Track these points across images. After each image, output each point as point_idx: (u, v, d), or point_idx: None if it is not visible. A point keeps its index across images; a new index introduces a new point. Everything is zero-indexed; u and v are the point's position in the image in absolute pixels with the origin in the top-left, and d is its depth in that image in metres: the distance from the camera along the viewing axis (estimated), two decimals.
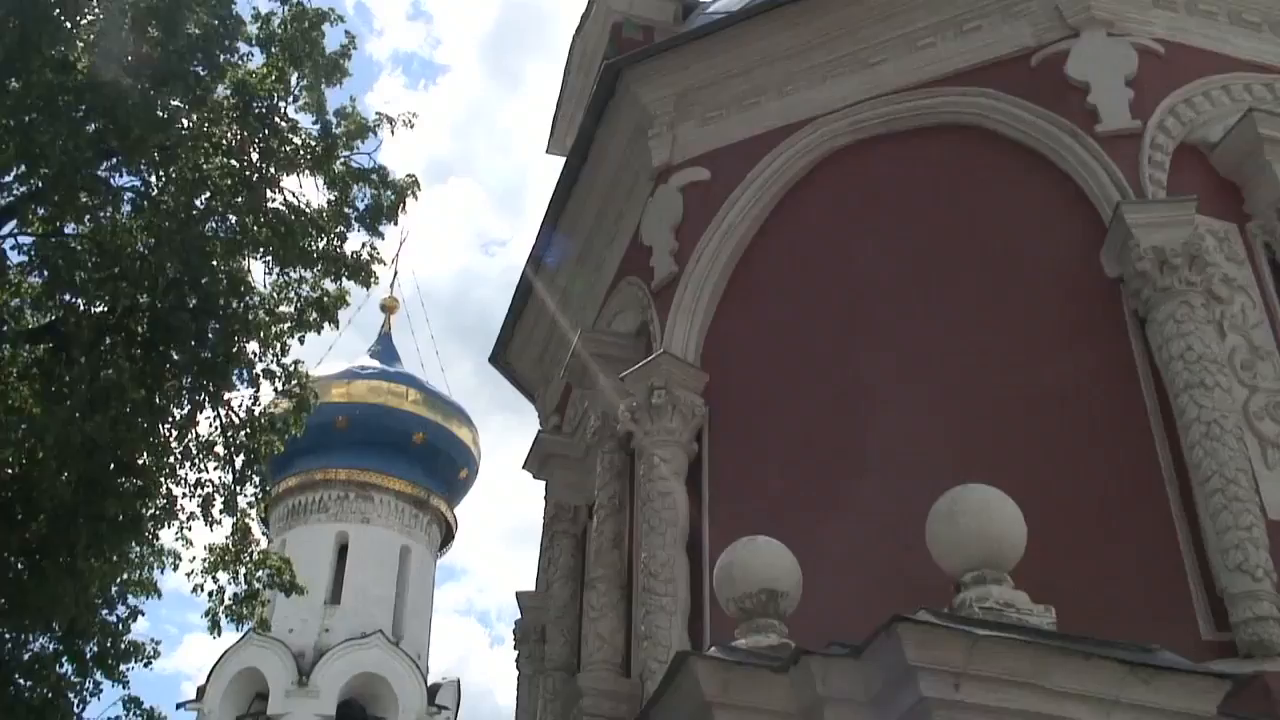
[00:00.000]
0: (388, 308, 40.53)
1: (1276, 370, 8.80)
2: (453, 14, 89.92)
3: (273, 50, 17.17)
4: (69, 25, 14.04)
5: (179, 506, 14.24)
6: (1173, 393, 8.39)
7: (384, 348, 39.44)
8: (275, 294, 17.56)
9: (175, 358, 14.56)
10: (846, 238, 10.44)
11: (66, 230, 14.78)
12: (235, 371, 15.09)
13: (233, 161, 16.81)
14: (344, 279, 17.86)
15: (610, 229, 12.45)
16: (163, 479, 13.71)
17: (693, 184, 11.21)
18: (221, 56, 15.75)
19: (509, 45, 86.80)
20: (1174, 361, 8.39)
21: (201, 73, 15.35)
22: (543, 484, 13.21)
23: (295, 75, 17.26)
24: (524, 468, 13.17)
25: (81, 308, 14.49)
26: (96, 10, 14.20)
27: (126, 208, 15.83)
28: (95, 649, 13.11)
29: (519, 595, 13.20)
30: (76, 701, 12.79)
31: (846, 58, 10.99)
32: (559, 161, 15.34)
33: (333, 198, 17.74)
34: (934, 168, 10.32)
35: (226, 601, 14.69)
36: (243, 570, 14.78)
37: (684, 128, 11.50)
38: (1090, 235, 9.26)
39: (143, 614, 13.47)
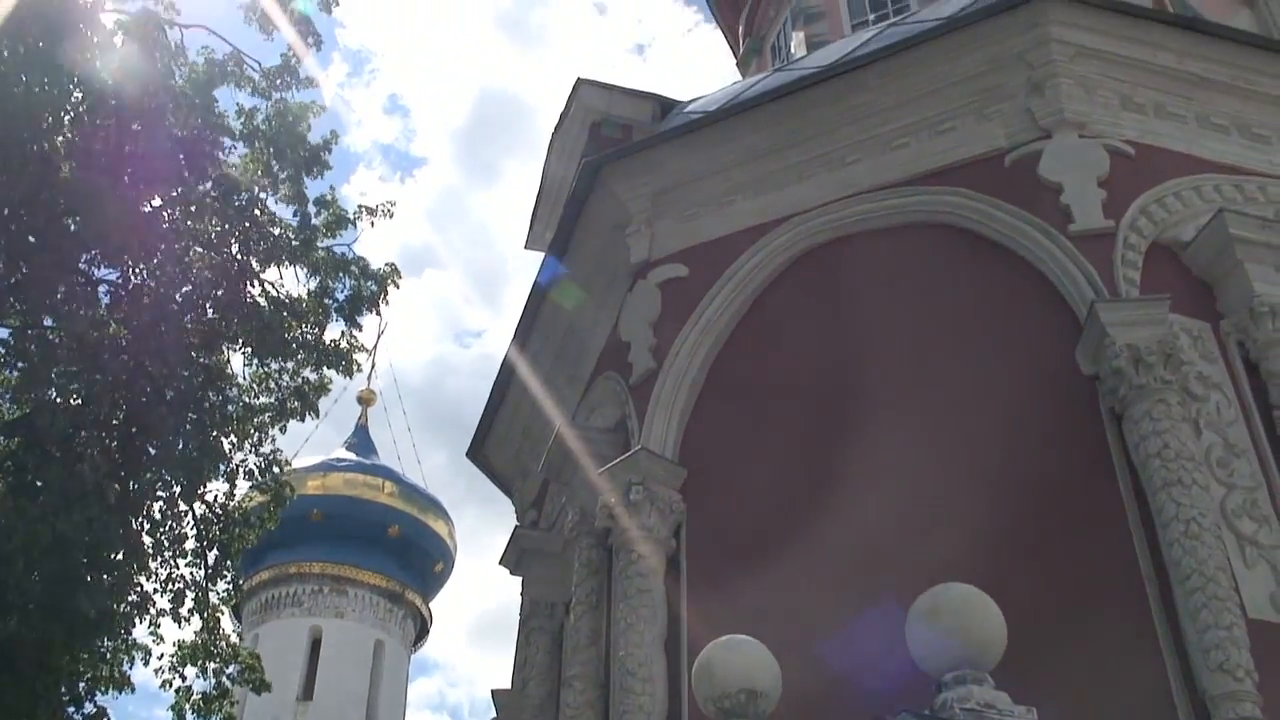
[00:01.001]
0: (365, 400, 40.48)
1: (1252, 468, 8.83)
2: (430, 107, 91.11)
3: (257, 144, 17.36)
4: (51, 122, 14.16)
5: (150, 602, 14.08)
6: (1150, 490, 8.40)
7: (360, 440, 39.29)
8: (255, 385, 17.55)
9: (151, 452, 14.48)
10: (823, 334, 10.50)
11: (45, 323, 14.75)
12: (211, 465, 15.01)
13: (213, 254, 16.89)
14: (325, 368, 17.88)
15: (588, 324, 12.48)
16: (135, 574, 13.55)
17: (670, 280, 11.28)
18: (202, 154, 15.89)
19: (485, 138, 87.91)
20: (1151, 459, 8.41)
21: (185, 172, 15.49)
22: (519, 579, 13.08)
23: (278, 168, 17.43)
24: (501, 563, 13.05)
25: (57, 401, 14.41)
26: (80, 109, 14.34)
27: (106, 300, 15.84)
28: None
29: (494, 693, 12.98)
30: None
31: (822, 157, 11.14)
32: (534, 254, 15.47)
33: (313, 287, 17.82)
34: (910, 265, 10.41)
35: (194, 698, 14.46)
36: (211, 667, 14.57)
37: (662, 225, 11.60)
38: (1065, 332, 9.33)
39: (108, 718, 13.17)
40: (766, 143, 11.32)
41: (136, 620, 13.76)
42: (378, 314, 18.44)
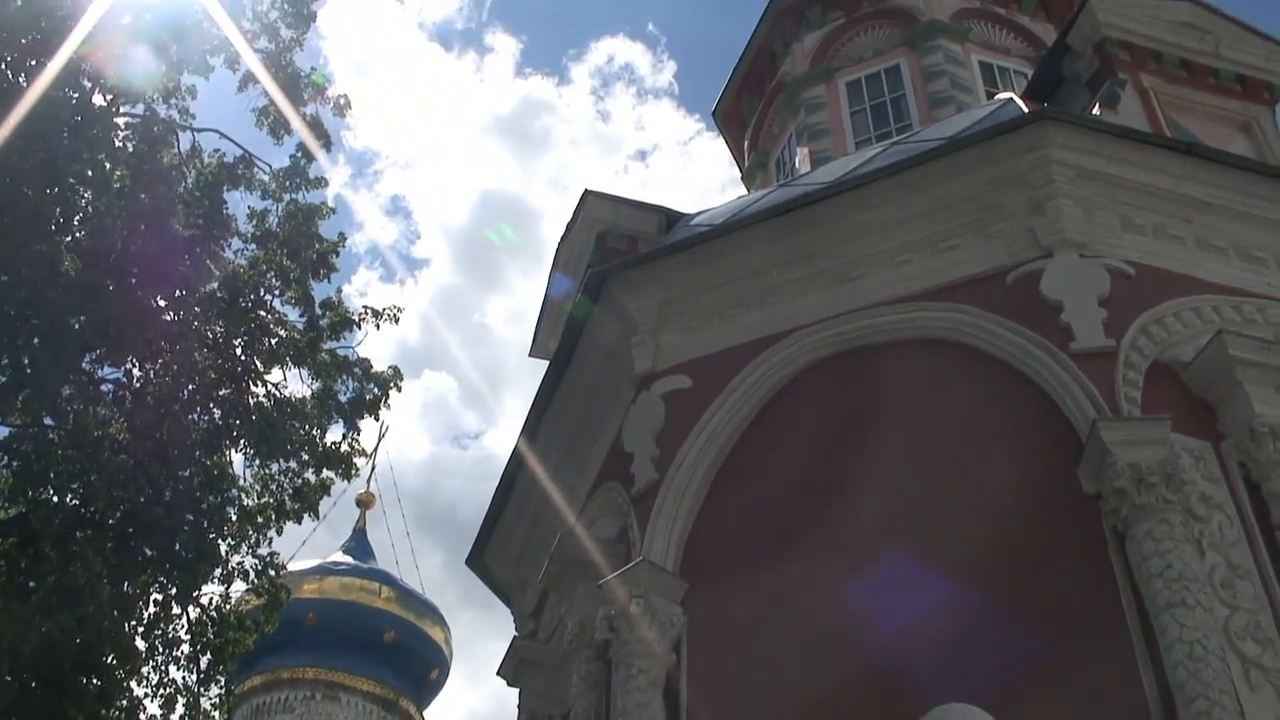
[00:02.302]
0: (363, 503, 40.25)
1: (1256, 590, 8.78)
2: (432, 209, 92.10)
3: (270, 246, 17.54)
4: (60, 222, 14.32)
5: (140, 707, 13.87)
6: (1154, 611, 8.34)
7: (358, 543, 39.00)
8: (256, 486, 17.49)
9: (147, 553, 14.38)
10: (827, 448, 10.50)
11: (45, 422, 14.75)
12: (208, 567, 14.89)
13: (217, 355, 16.95)
14: (325, 470, 17.84)
15: (591, 433, 12.50)
16: (125, 679, 13.38)
17: (674, 391, 11.32)
18: (208, 259, 16.04)
19: (486, 242, 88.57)
20: (1154, 579, 8.38)
21: (191, 272, 15.61)
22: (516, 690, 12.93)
23: (289, 265, 17.57)
24: (498, 674, 12.92)
25: (54, 500, 14.35)
26: (89, 211, 14.51)
27: (108, 400, 15.86)
28: None
29: None
30: None
31: (826, 272, 11.26)
32: (530, 356, 15.55)
33: (316, 389, 17.85)
34: (912, 381, 10.47)
35: None
36: None
37: (666, 336, 11.67)
38: (1067, 450, 9.34)
39: None
40: (771, 257, 11.45)
41: None
42: (378, 417, 18.50)
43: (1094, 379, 9.49)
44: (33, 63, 13.35)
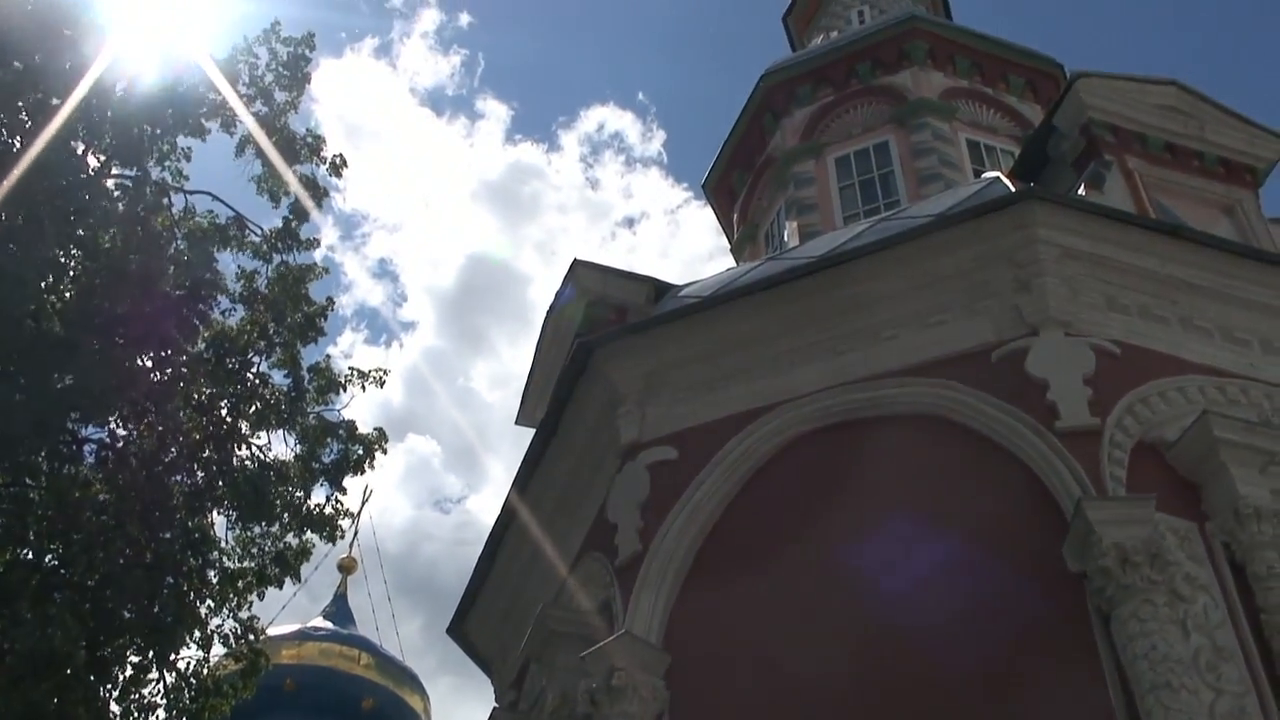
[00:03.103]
0: (345, 568, 39.87)
1: (1241, 673, 8.73)
2: (419, 272, 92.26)
3: (257, 307, 17.54)
4: (49, 282, 14.32)
5: None
6: (1139, 692, 8.29)
7: (339, 609, 38.56)
8: (237, 549, 17.34)
9: (125, 616, 14.22)
10: (812, 522, 10.47)
11: (27, 482, 14.64)
12: (186, 631, 14.72)
13: (203, 416, 16.89)
14: (308, 533, 17.71)
15: (576, 503, 12.46)
16: None
17: (660, 463, 11.30)
18: (197, 316, 16.04)
19: (472, 306, 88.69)
20: (1139, 660, 8.34)
21: (178, 333, 15.60)
22: None
23: (274, 331, 17.57)
24: None
25: (32, 560, 14.20)
26: (78, 271, 14.51)
27: (90, 461, 15.77)
28: None
29: None
30: None
31: (813, 346, 11.30)
32: (516, 424, 15.52)
33: (301, 452, 17.78)
34: (899, 456, 10.47)
35: None
36: None
37: (653, 407, 11.68)
38: (1052, 528, 9.33)
39: None
40: (758, 330, 11.49)
41: None
42: (363, 477, 18.41)
43: (1079, 457, 9.51)
44: (28, 124, 13.45)
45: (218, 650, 15.71)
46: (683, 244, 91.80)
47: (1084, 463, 9.46)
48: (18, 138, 13.27)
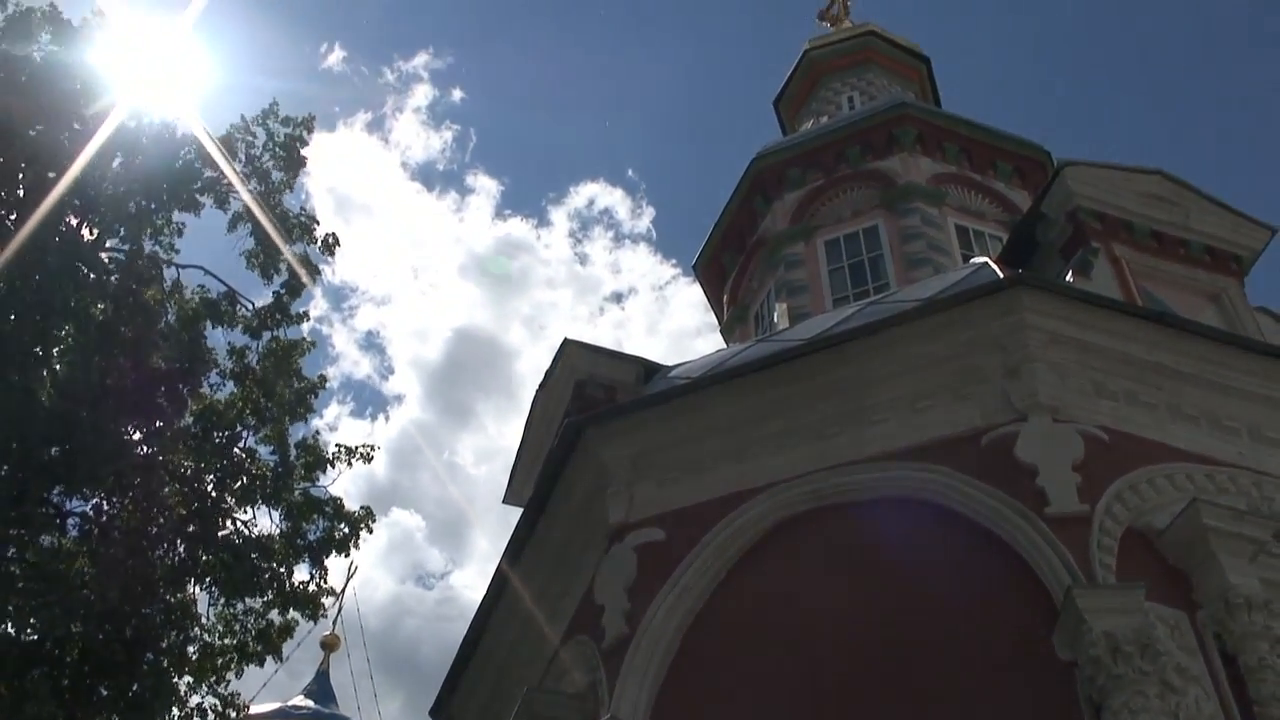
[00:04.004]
0: (328, 645, 39.36)
1: None
2: (406, 345, 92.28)
3: (247, 383, 17.53)
4: (39, 354, 14.33)
5: None
6: None
7: (320, 686, 38.01)
8: (219, 625, 17.16)
9: (103, 692, 14.05)
10: (800, 606, 10.41)
11: (8, 554, 14.54)
12: (164, 708, 14.54)
13: (188, 490, 16.82)
14: (290, 610, 17.55)
15: (563, 584, 12.36)
16: None
17: (648, 544, 11.23)
18: (186, 389, 16.04)
19: (459, 380, 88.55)
20: None
21: (166, 405, 15.58)
22: None
23: (265, 404, 17.54)
24: None
25: (11, 634, 14.05)
26: (68, 343, 14.53)
27: (74, 533, 15.67)
28: None
29: None
30: None
31: (802, 428, 11.29)
32: (496, 496, 15.45)
33: (286, 528, 17.68)
34: (887, 540, 10.42)
35: None
36: None
37: (641, 488, 11.64)
38: (1042, 616, 9.26)
39: None
40: (748, 412, 11.49)
41: None
42: (347, 556, 18.29)
43: (1069, 544, 9.46)
44: (25, 197, 13.55)
45: None
46: (671, 320, 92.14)
47: (1073, 550, 9.42)
48: (14, 212, 13.35)
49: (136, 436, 16.06)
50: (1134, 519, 9.92)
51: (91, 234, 15.24)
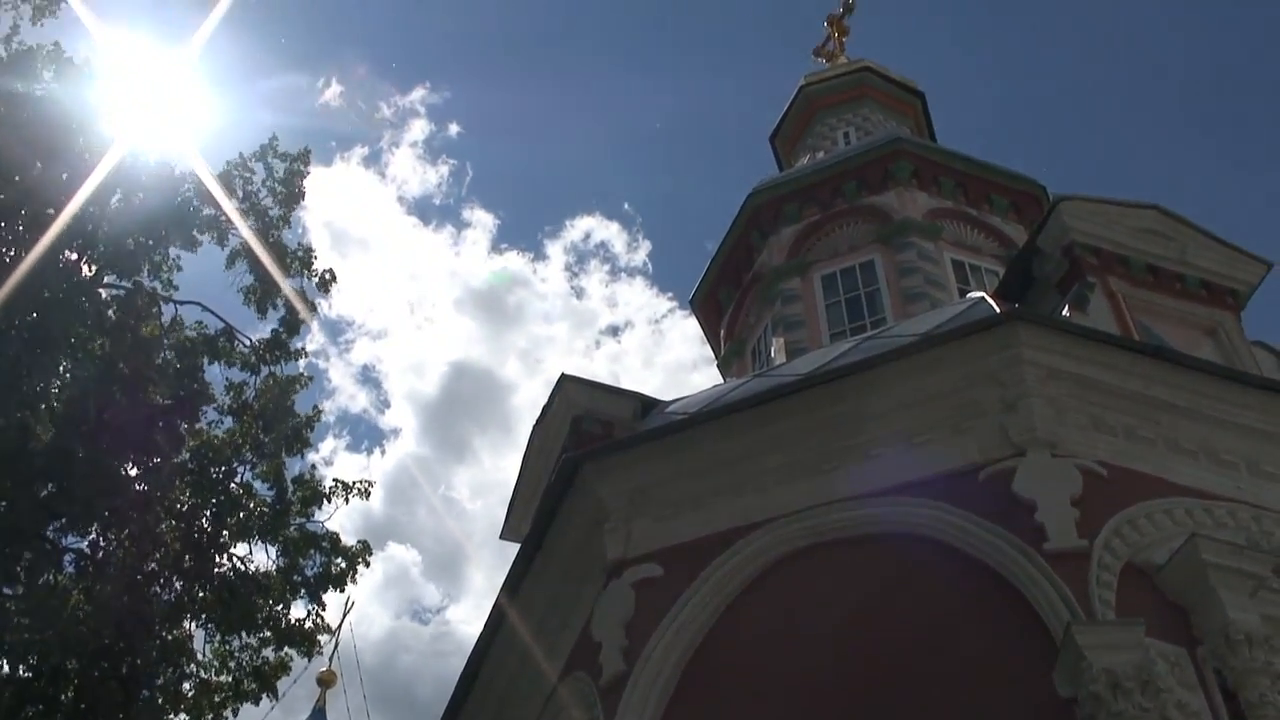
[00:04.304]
0: (325, 681, 39.09)
1: None
2: (402, 379, 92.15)
3: (244, 418, 17.53)
4: (38, 389, 14.33)
5: None
6: None
7: None
8: (215, 662, 17.10)
9: None
10: (799, 642, 10.36)
11: (4, 590, 14.50)
12: None
13: (185, 526, 16.79)
14: (286, 647, 17.49)
15: (561, 621, 12.30)
16: None
17: (646, 580, 11.18)
18: (184, 425, 16.04)
19: (455, 413, 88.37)
20: None
21: (163, 442, 15.59)
22: None
23: (263, 439, 17.54)
24: None
25: (6, 671, 14.00)
26: (67, 378, 14.54)
27: (70, 570, 15.62)
28: None
29: None
30: None
31: (800, 463, 11.26)
32: (493, 530, 15.41)
33: (283, 564, 17.64)
34: (886, 576, 10.38)
35: None
36: None
37: (639, 523, 11.60)
38: (1041, 652, 9.21)
39: None
40: (745, 447, 11.47)
41: None
42: (344, 592, 18.25)
43: (1068, 580, 9.43)
44: (25, 234, 13.58)
45: None
46: (667, 353, 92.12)
47: (1072, 585, 9.39)
48: (13, 248, 13.39)
49: (134, 472, 16.05)
50: (1133, 554, 9.88)
51: (90, 270, 15.29)
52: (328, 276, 17.96)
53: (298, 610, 17.72)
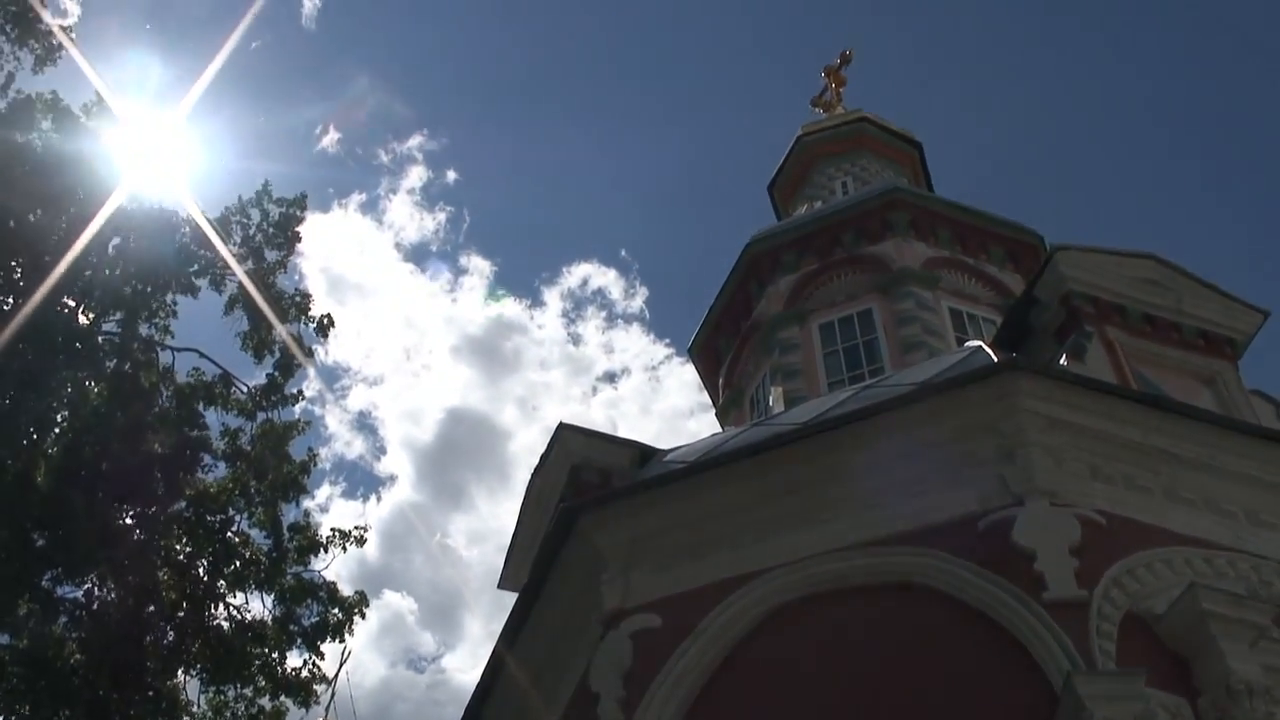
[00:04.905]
0: None
1: None
2: (399, 426, 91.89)
3: (239, 465, 17.48)
4: (35, 439, 14.31)
5: None
6: None
7: None
8: (210, 712, 16.95)
9: None
10: (797, 692, 10.29)
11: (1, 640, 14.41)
12: None
13: (180, 575, 16.71)
14: (282, 696, 17.35)
15: (559, 671, 12.21)
16: None
17: (643, 631, 11.08)
18: (183, 473, 16.01)
19: (452, 460, 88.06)
20: None
21: (160, 490, 15.55)
22: None
23: (255, 489, 17.49)
24: None
25: None
26: (64, 426, 14.52)
27: (64, 620, 15.53)
28: None
29: None
30: None
31: (798, 513, 11.21)
32: (489, 578, 15.34)
33: (279, 614, 17.53)
34: (885, 626, 10.33)
35: None
36: None
37: (636, 573, 11.53)
38: (1041, 703, 9.14)
39: None
40: (743, 496, 11.44)
41: None
42: (341, 642, 18.13)
43: (1068, 629, 9.39)
44: (22, 281, 13.61)
45: None
46: (664, 400, 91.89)
47: (1072, 635, 9.34)
48: (11, 295, 13.41)
49: (130, 521, 16.01)
50: (1133, 604, 9.84)
51: (87, 318, 15.31)
52: (326, 321, 17.97)
53: (294, 659, 17.61)
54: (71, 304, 14.82)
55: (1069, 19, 64.29)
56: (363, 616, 18.04)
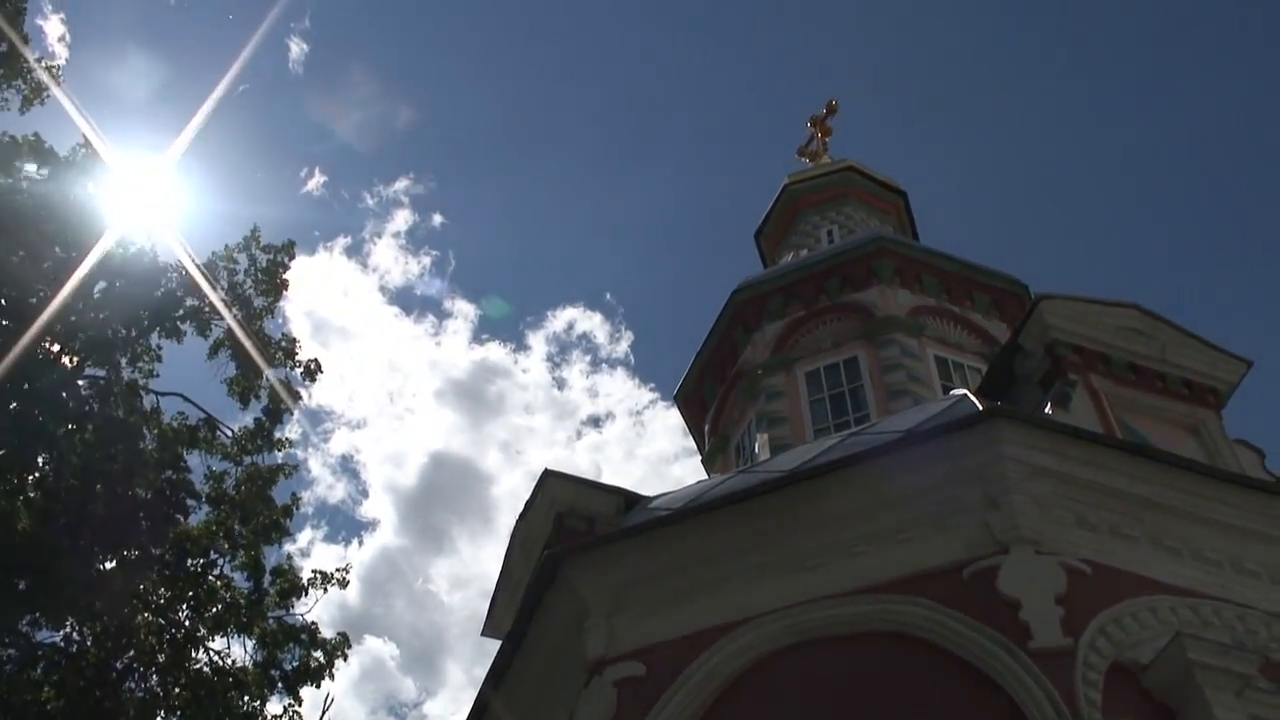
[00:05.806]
0: None
1: None
2: (381, 470, 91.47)
3: (222, 508, 17.38)
4: (16, 483, 14.21)
5: None
6: None
7: None
8: None
9: None
10: None
11: None
12: None
13: (161, 619, 16.57)
14: None
15: (542, 718, 12.11)
16: None
17: (627, 679, 11.01)
18: (166, 522, 15.90)
19: (435, 505, 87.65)
20: None
21: (143, 534, 15.45)
22: None
23: (240, 531, 17.38)
24: None
25: None
26: (46, 469, 14.43)
27: (43, 666, 15.36)
28: None
29: None
30: None
31: (783, 560, 11.19)
32: (471, 623, 15.21)
33: (260, 658, 17.38)
34: (870, 674, 10.27)
35: None
36: None
37: (620, 621, 11.46)
38: None
39: None
40: (728, 543, 11.40)
41: None
42: (320, 687, 17.97)
43: (1054, 679, 9.35)
44: (6, 324, 13.56)
45: None
46: (649, 445, 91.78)
47: (1058, 684, 9.30)
48: None
49: (112, 564, 15.89)
50: (1119, 653, 9.81)
51: (71, 361, 15.25)
52: (313, 366, 17.94)
53: (274, 706, 17.45)
54: (55, 347, 14.75)
55: (1052, 67, 65.06)
56: (344, 658, 17.89)
